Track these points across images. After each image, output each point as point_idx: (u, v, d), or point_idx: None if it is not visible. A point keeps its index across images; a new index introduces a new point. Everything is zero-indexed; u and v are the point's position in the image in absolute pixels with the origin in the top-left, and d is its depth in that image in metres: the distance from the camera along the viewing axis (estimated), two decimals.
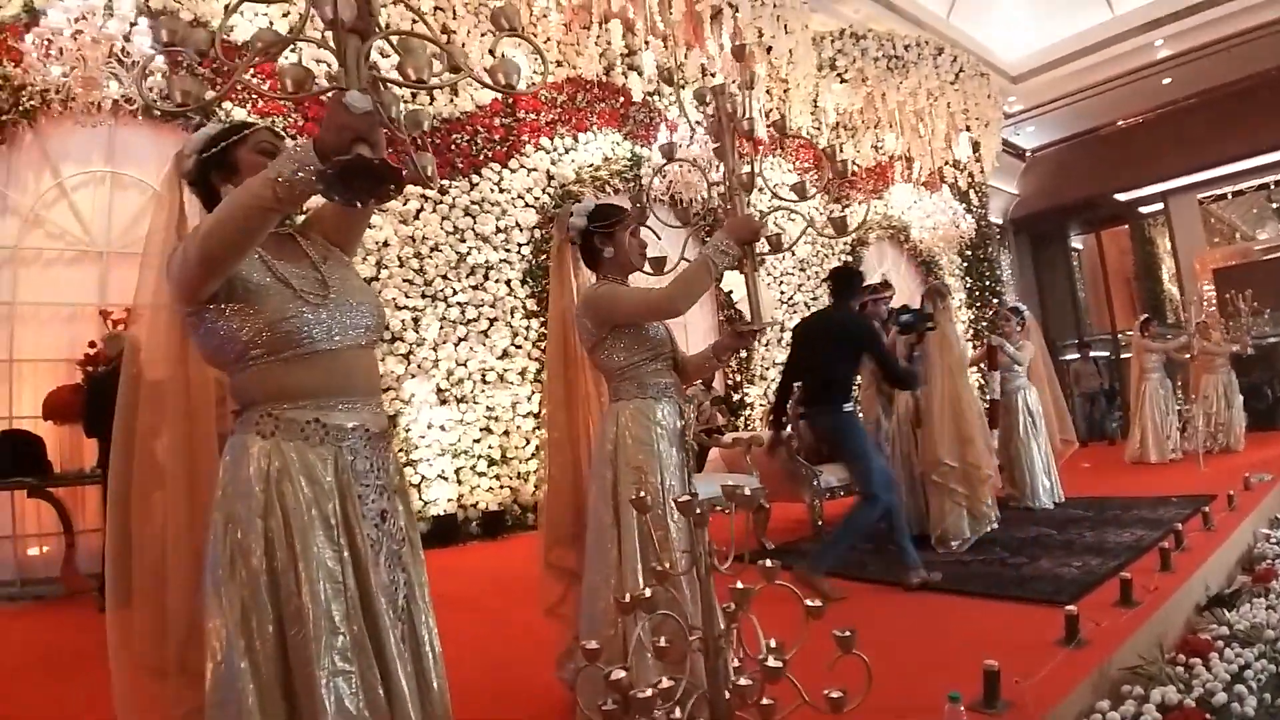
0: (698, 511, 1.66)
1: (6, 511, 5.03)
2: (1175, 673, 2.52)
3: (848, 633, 1.70)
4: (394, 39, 1.36)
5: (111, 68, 4.85)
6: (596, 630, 2.12)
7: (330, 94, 1.26)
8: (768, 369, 8.82)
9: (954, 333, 5.01)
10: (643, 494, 1.87)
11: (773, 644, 1.71)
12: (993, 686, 2.18)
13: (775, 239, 2.16)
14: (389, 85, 1.32)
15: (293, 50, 6.05)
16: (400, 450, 6.09)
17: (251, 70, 5.88)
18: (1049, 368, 6.55)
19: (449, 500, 6.21)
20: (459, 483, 6.32)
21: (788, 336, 9.09)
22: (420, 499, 6.11)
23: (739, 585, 1.61)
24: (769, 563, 1.76)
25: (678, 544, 2.10)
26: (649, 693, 1.52)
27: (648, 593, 1.64)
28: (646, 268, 2.26)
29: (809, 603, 1.73)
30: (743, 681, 1.57)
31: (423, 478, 6.14)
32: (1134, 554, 3.96)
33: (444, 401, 6.33)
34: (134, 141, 5.50)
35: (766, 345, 8.89)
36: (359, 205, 1.31)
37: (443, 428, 6.28)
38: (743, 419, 8.30)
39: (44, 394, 5.04)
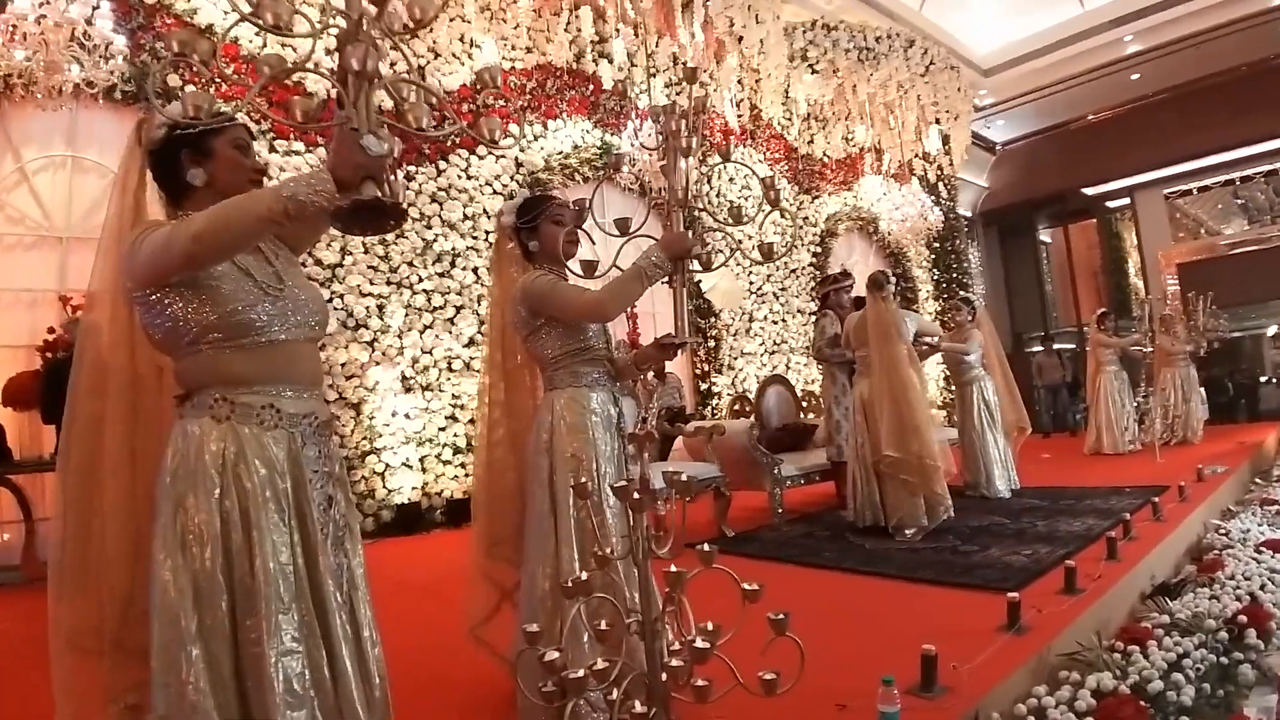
0: (635, 497, 1.68)
1: None
2: (1113, 659, 2.58)
3: (781, 615, 1.73)
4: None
5: (74, 51, 4.78)
6: (535, 615, 2.14)
7: (340, 127, 1.33)
8: (735, 358, 8.86)
9: (899, 322, 4.90)
10: (583, 480, 1.89)
11: (709, 626, 1.74)
12: (930, 671, 2.22)
13: (706, 257, 2.19)
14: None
15: (258, 35, 5.97)
16: (364, 438, 6.05)
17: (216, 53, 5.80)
18: (1001, 357, 6.61)
19: (413, 488, 6.19)
20: (424, 471, 6.30)
21: (755, 326, 9.18)
22: (384, 486, 6.09)
23: (673, 569, 1.64)
24: (706, 547, 1.79)
25: (615, 530, 2.12)
26: (582, 673, 1.54)
27: (584, 576, 1.66)
28: (575, 267, 2.25)
29: (746, 586, 1.75)
30: (674, 663, 1.60)
31: (386, 465, 6.11)
32: (1083, 543, 4.04)
33: (409, 389, 6.30)
34: (96, 126, 5.40)
35: (735, 335, 8.93)
36: (362, 235, 1.43)
37: (407, 415, 6.25)
38: (709, 407, 8.34)
39: (3, 380, 4.96)
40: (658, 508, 1.73)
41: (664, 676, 1.66)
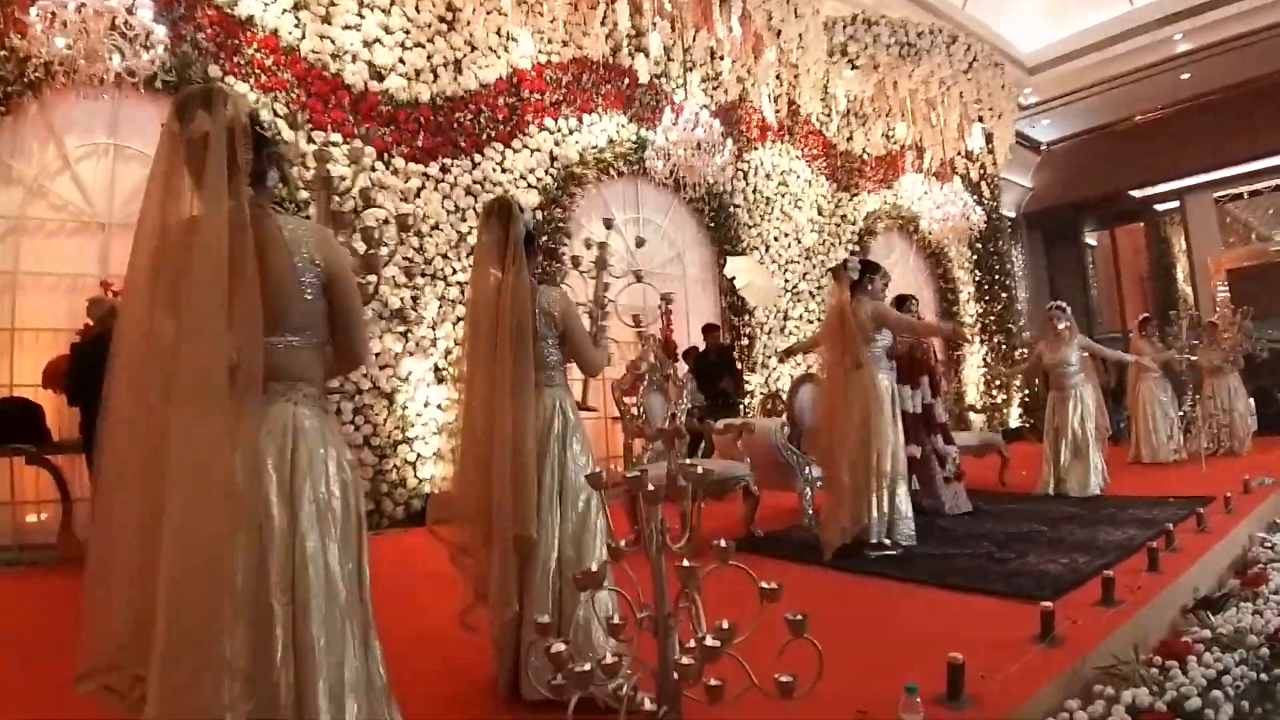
0: (650, 489, 1.64)
1: (5, 478, 5.09)
2: (1150, 674, 2.48)
3: (799, 617, 1.68)
4: None
5: (114, 40, 4.85)
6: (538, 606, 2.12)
7: None
8: (769, 357, 8.77)
9: (863, 319, 4.29)
10: (599, 470, 1.85)
11: (724, 625, 1.69)
12: (956, 680, 2.14)
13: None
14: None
15: (297, 27, 6.03)
16: (397, 428, 6.09)
17: (256, 45, 5.88)
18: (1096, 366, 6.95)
19: (444, 479, 6.21)
20: (454, 461, 6.30)
21: (790, 325, 9.07)
22: (415, 476, 6.12)
23: (686, 564, 1.59)
24: (723, 543, 1.74)
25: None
26: (587, 667, 1.50)
27: (594, 568, 1.62)
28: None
29: (764, 585, 1.70)
30: (684, 661, 1.55)
31: (418, 455, 6.15)
32: (1123, 553, 3.90)
33: (441, 380, 6.33)
34: (137, 114, 5.49)
35: (769, 333, 8.84)
36: None
37: (439, 406, 6.28)
38: (742, 405, 8.26)
39: (43, 363, 5.07)
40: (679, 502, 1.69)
41: (675, 675, 1.62)
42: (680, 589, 1.61)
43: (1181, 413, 8.40)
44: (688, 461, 1.76)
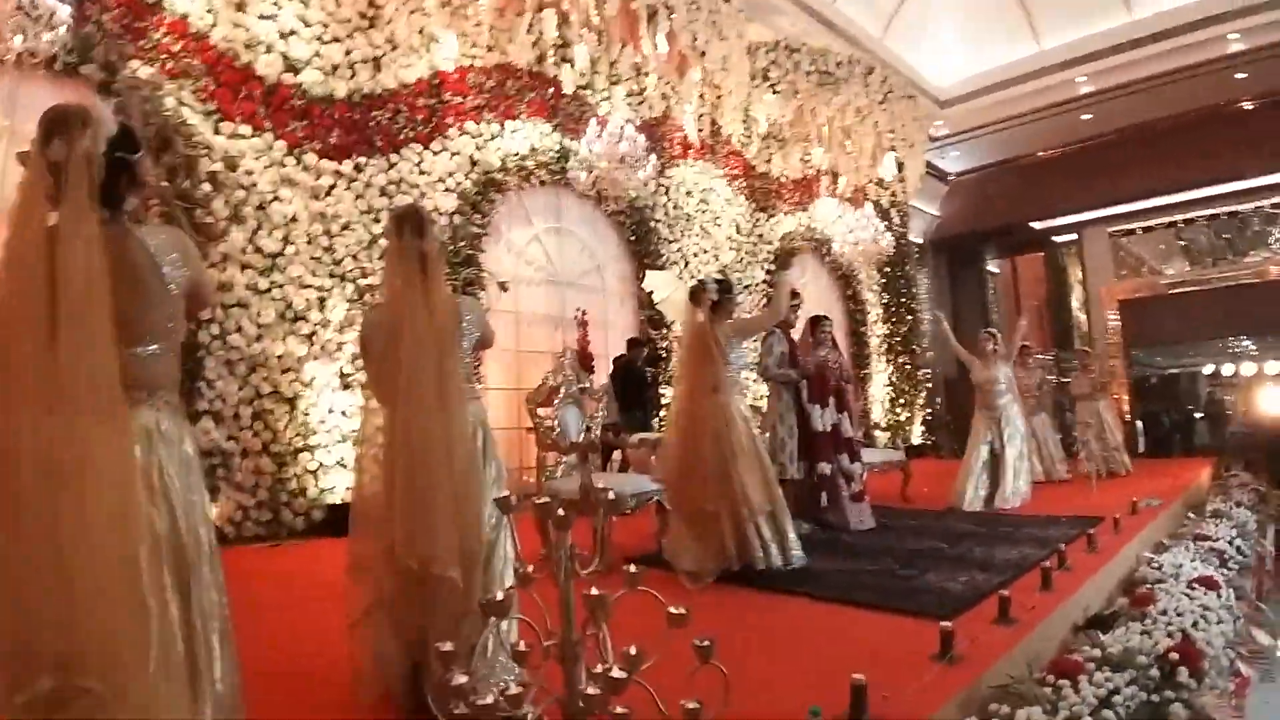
0: (559, 513, 1.59)
1: None
2: (1043, 693, 2.54)
3: (706, 642, 1.65)
4: None
5: (19, 20, 4.58)
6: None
7: None
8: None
9: (720, 340, 4.16)
10: (507, 494, 1.79)
11: (633, 651, 1.65)
12: (859, 701, 2.15)
13: None
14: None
15: (209, 13, 5.77)
16: (298, 434, 5.84)
17: (164, 30, 5.59)
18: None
19: (347, 489, 5.98)
20: (369, 474, 6.09)
21: None
22: (316, 485, 5.88)
23: (594, 592, 1.55)
24: (633, 568, 1.70)
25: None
26: (490, 699, 1.44)
27: (499, 597, 1.56)
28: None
29: (671, 610, 1.67)
30: (589, 690, 1.50)
31: (320, 464, 5.91)
32: (1018, 571, 4.03)
33: (347, 386, 6.11)
34: (37, 96, 5.12)
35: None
36: None
37: (344, 413, 6.06)
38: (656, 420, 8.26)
39: None
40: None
41: (581, 704, 1.57)
42: (588, 616, 1.56)
43: (1059, 436, 8.85)
44: (599, 484, 1.71)
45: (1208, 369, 14.61)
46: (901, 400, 12.68)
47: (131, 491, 1.57)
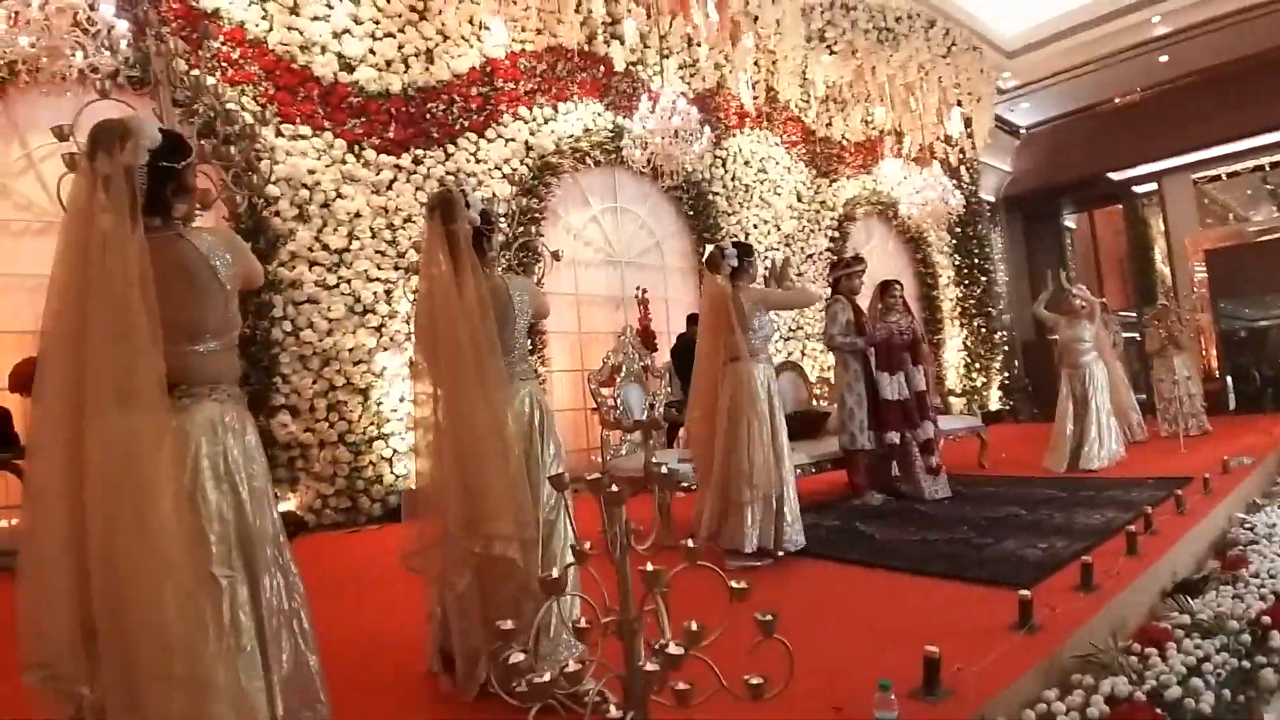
0: (612, 490, 1.59)
1: None
2: (1129, 663, 2.45)
3: (769, 617, 1.64)
4: None
5: (76, 37, 4.75)
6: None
7: None
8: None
9: (740, 308, 3.92)
10: (562, 472, 1.80)
11: (693, 626, 1.65)
12: (933, 673, 2.11)
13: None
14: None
15: (264, 19, 5.90)
16: (371, 424, 6.01)
17: (222, 38, 5.75)
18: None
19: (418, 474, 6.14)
20: (426, 457, 6.25)
21: (771, 313, 9.03)
22: (392, 472, 6.05)
23: (649, 568, 1.55)
24: (691, 542, 1.69)
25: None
26: (548, 676, 1.46)
27: (554, 575, 1.57)
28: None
29: (733, 584, 1.66)
30: (648, 666, 1.51)
31: (394, 451, 6.07)
32: (1101, 537, 3.89)
33: (415, 375, 6.23)
34: (101, 113, 5.34)
35: None
36: None
37: (414, 401, 6.18)
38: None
39: (9, 366, 4.94)
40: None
41: (641, 680, 1.58)
42: (645, 592, 1.56)
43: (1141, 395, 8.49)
44: (655, 459, 1.70)
45: None
46: (977, 365, 12.32)
47: (190, 482, 1.67)
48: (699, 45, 8.37)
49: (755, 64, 8.63)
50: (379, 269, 6.21)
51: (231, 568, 1.70)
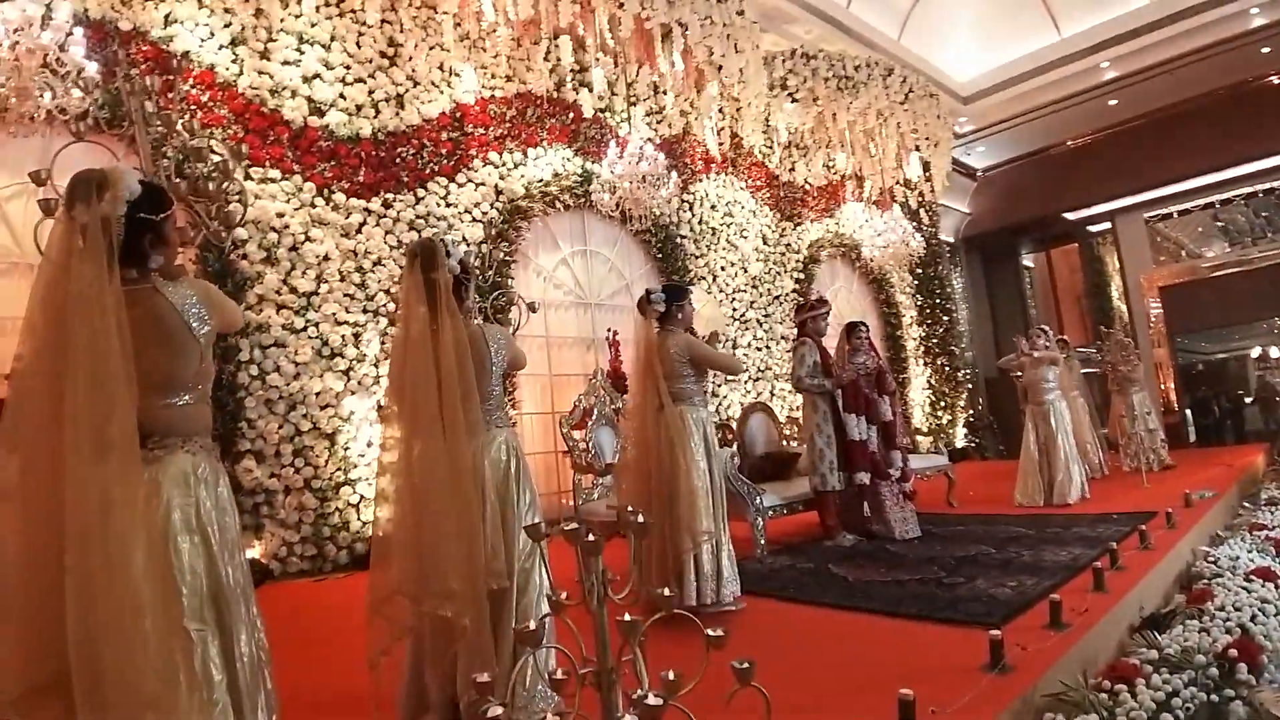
0: (589, 539, 1.59)
1: None
2: (1099, 699, 2.48)
3: (745, 665, 1.64)
4: None
5: (45, 78, 4.72)
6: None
7: None
8: (719, 385, 8.79)
9: (667, 353, 3.88)
10: (538, 522, 1.80)
11: (670, 676, 1.64)
12: (908, 716, 2.12)
13: None
14: None
15: (235, 63, 5.92)
16: (338, 469, 5.93)
17: (192, 81, 5.76)
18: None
19: (387, 520, 6.05)
20: (394, 503, 6.16)
21: (739, 353, 9.11)
22: (359, 519, 5.95)
23: (628, 618, 1.54)
24: (666, 591, 1.70)
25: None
26: None
27: (530, 626, 1.56)
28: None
29: (709, 632, 1.66)
30: (627, 718, 1.50)
31: (361, 497, 5.98)
32: (1069, 574, 3.95)
33: (384, 420, 6.18)
34: (68, 153, 5.31)
35: None
36: None
37: (383, 446, 6.12)
38: None
39: None
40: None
41: None
42: (623, 642, 1.56)
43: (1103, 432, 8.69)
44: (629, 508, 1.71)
45: (1255, 352, 14.20)
46: (942, 403, 12.49)
47: (162, 533, 1.67)
48: (665, 93, 8.53)
49: (720, 111, 8.79)
50: (347, 312, 6.17)
51: (203, 621, 1.68)
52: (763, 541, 5.14)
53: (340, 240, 6.21)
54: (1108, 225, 14.04)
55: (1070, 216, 14.13)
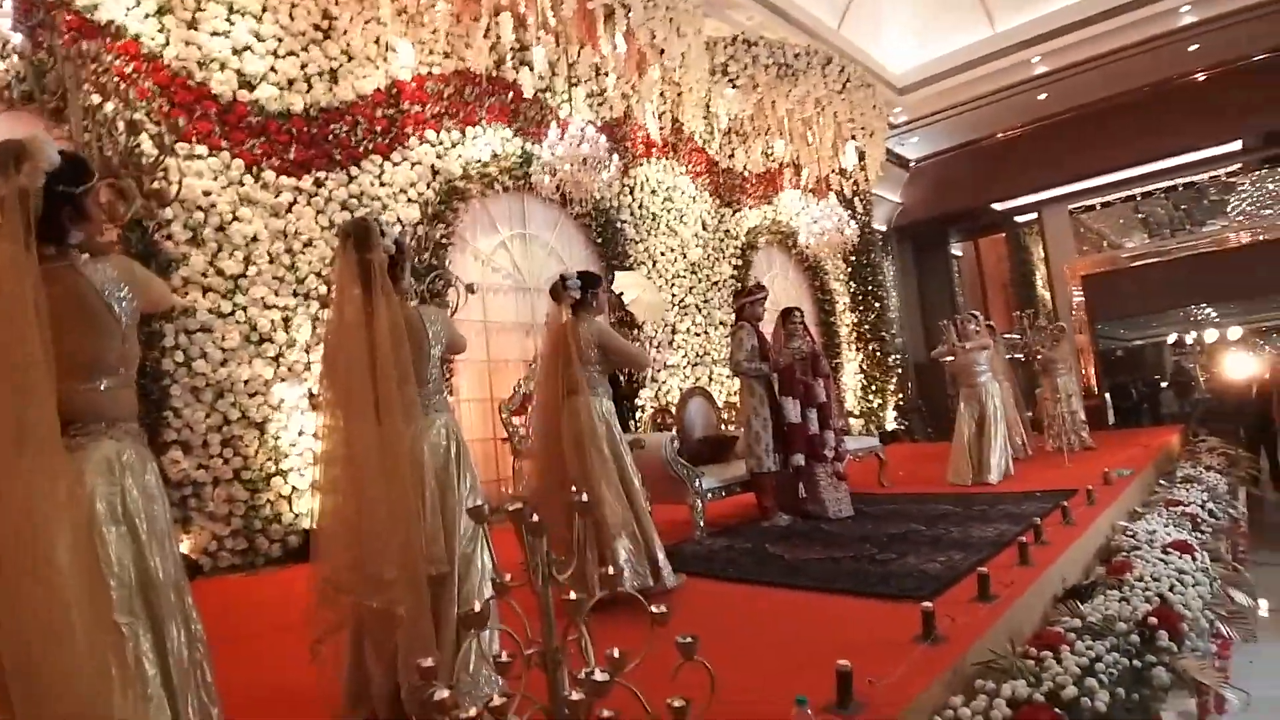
0: (533, 520, 1.58)
1: None
2: (1026, 666, 2.58)
3: (689, 640, 1.66)
4: None
5: None
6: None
7: None
8: (658, 370, 8.82)
9: (578, 339, 3.81)
10: (481, 504, 1.78)
11: (616, 654, 1.65)
12: (846, 687, 2.17)
13: None
14: None
15: (161, 33, 5.67)
16: (269, 459, 5.76)
17: (109, 50, 5.48)
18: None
19: (323, 513, 5.92)
20: (332, 493, 6.03)
21: (678, 338, 9.16)
22: (291, 511, 5.80)
23: (573, 596, 1.55)
24: (611, 570, 1.70)
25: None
26: (473, 712, 1.43)
27: (476, 608, 1.55)
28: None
29: (653, 609, 1.67)
30: (574, 696, 1.50)
31: (293, 488, 5.83)
32: (995, 549, 4.10)
33: (316, 408, 6.03)
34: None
35: (658, 348, 8.90)
36: None
37: (315, 435, 5.96)
38: (633, 420, 8.26)
39: None
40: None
41: (566, 711, 1.56)
42: (569, 622, 1.56)
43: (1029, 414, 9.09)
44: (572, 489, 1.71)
45: (1171, 338, 14.91)
46: (873, 387, 12.78)
47: (86, 524, 1.58)
48: (607, 75, 8.47)
49: (661, 95, 8.79)
50: (277, 295, 5.98)
51: (133, 614, 1.61)
52: (702, 524, 5.20)
53: (269, 220, 6.01)
54: (1034, 215, 14.52)
55: (998, 207, 14.57)
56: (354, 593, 2.08)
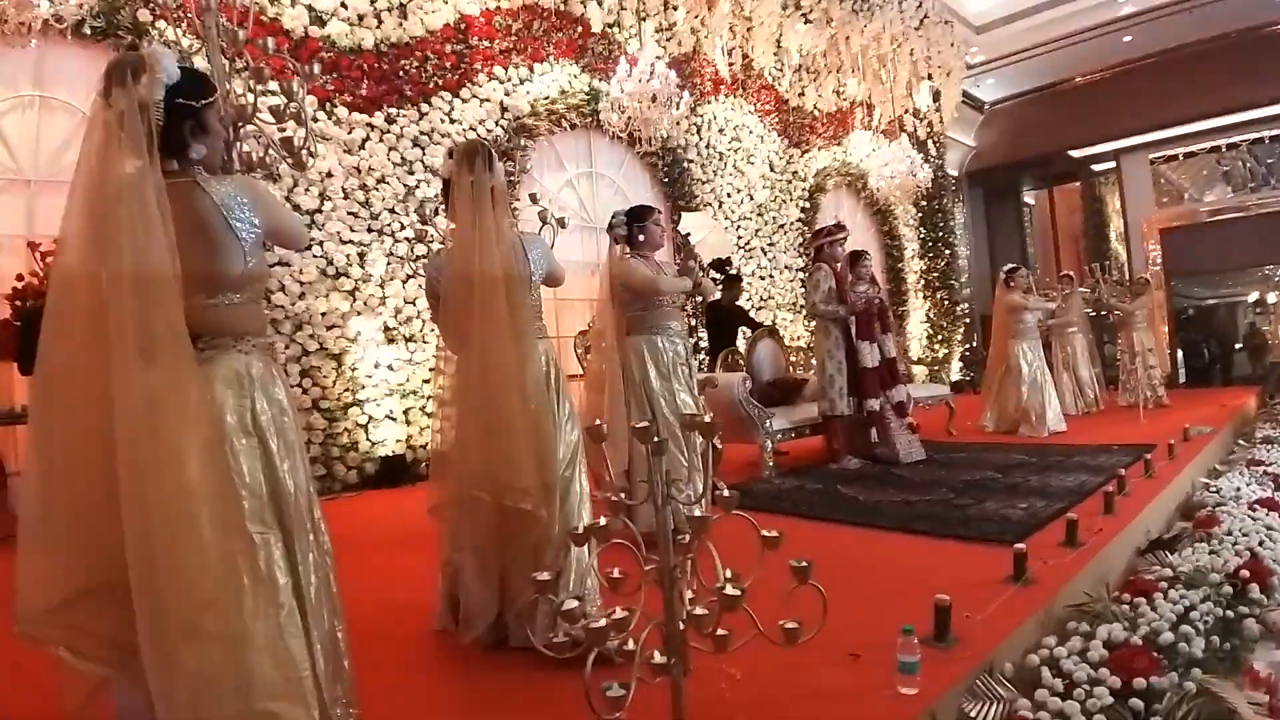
0: (655, 440, 1.59)
1: None
2: (1121, 611, 2.55)
3: (804, 563, 1.66)
4: None
5: None
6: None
7: None
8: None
9: (628, 276, 3.66)
10: (598, 422, 1.79)
11: (729, 574, 1.67)
12: (943, 621, 2.17)
13: None
14: None
15: None
16: (346, 390, 5.91)
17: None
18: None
19: (397, 441, 6.08)
20: (408, 423, 6.18)
21: (743, 282, 9.07)
22: (368, 439, 5.96)
23: (697, 513, 1.55)
24: (727, 492, 1.71)
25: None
26: (602, 622, 1.46)
27: (602, 521, 1.57)
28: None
29: (765, 533, 1.68)
30: (699, 611, 1.52)
31: (370, 418, 5.98)
32: (1077, 498, 4.02)
33: (391, 340, 6.15)
34: (64, 65, 5.11)
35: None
36: None
37: (390, 367, 6.11)
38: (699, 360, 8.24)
39: None
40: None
41: (682, 626, 1.59)
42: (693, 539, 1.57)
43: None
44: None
45: (1250, 298, 14.28)
46: (939, 337, 12.54)
47: (217, 436, 1.59)
48: (676, 8, 8.28)
49: (731, 30, 8.56)
50: (352, 230, 6.06)
51: (265, 524, 1.63)
52: (771, 463, 5.20)
53: (343, 156, 6.06)
54: (1112, 164, 13.88)
55: (1075, 154, 13.96)
56: (501, 498, 2.09)
